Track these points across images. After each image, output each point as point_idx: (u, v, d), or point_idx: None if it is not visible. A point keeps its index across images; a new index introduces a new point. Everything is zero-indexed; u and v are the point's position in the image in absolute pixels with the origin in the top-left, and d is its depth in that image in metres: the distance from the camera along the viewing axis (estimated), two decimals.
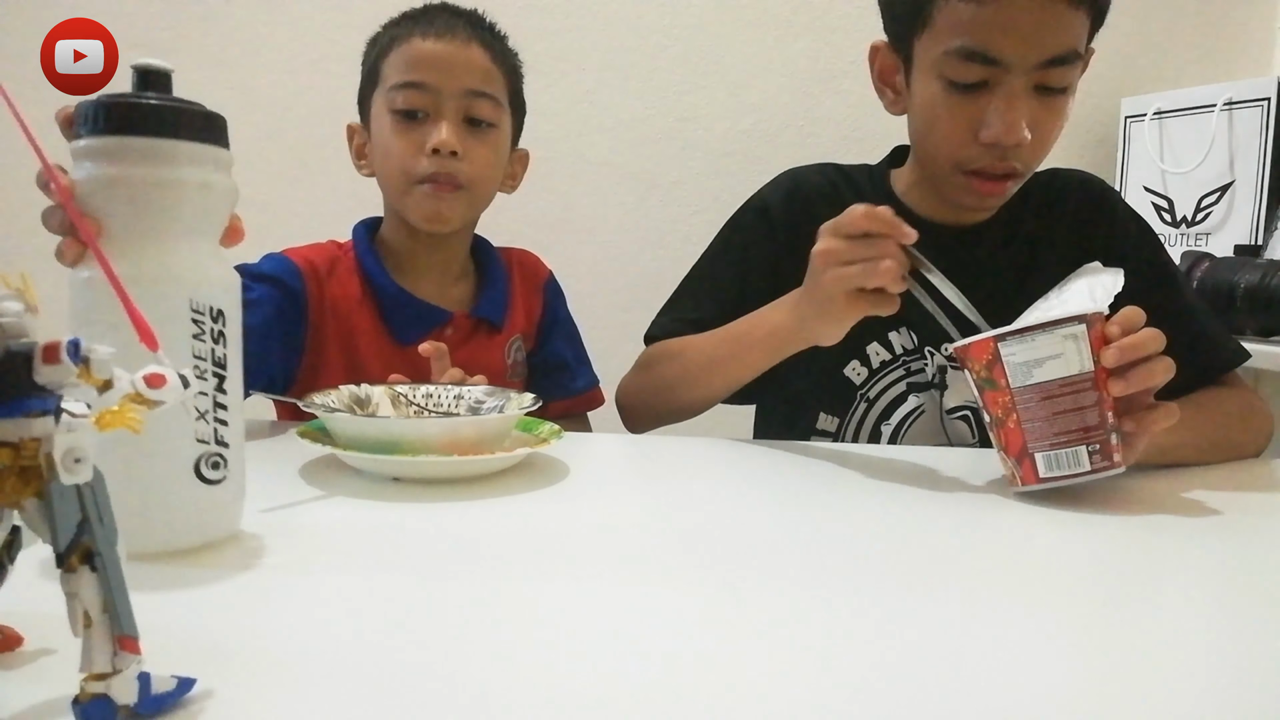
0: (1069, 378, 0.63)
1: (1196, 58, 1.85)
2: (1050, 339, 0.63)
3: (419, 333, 0.95)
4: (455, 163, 0.93)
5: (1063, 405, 0.63)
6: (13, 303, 0.30)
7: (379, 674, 0.36)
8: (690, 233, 1.81)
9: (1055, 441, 0.64)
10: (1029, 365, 0.64)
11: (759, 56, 1.82)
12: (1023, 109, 0.81)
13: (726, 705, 0.35)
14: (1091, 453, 0.64)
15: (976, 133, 0.83)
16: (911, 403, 0.93)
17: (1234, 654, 0.42)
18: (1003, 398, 0.65)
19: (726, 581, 0.49)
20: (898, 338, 0.93)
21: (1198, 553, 0.58)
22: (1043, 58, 0.80)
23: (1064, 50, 0.80)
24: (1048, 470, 0.65)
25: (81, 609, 0.30)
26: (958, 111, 0.83)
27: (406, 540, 0.54)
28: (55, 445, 0.30)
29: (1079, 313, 0.63)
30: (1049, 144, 0.87)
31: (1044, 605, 0.47)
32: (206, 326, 0.46)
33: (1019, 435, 0.65)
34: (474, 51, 0.95)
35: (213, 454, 0.47)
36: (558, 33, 1.80)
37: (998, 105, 0.81)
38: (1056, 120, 0.85)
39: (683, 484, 0.73)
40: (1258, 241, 1.53)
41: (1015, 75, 0.80)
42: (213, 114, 0.48)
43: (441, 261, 1.01)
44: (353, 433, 0.68)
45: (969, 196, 0.88)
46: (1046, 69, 0.80)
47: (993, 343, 0.65)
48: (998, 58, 0.80)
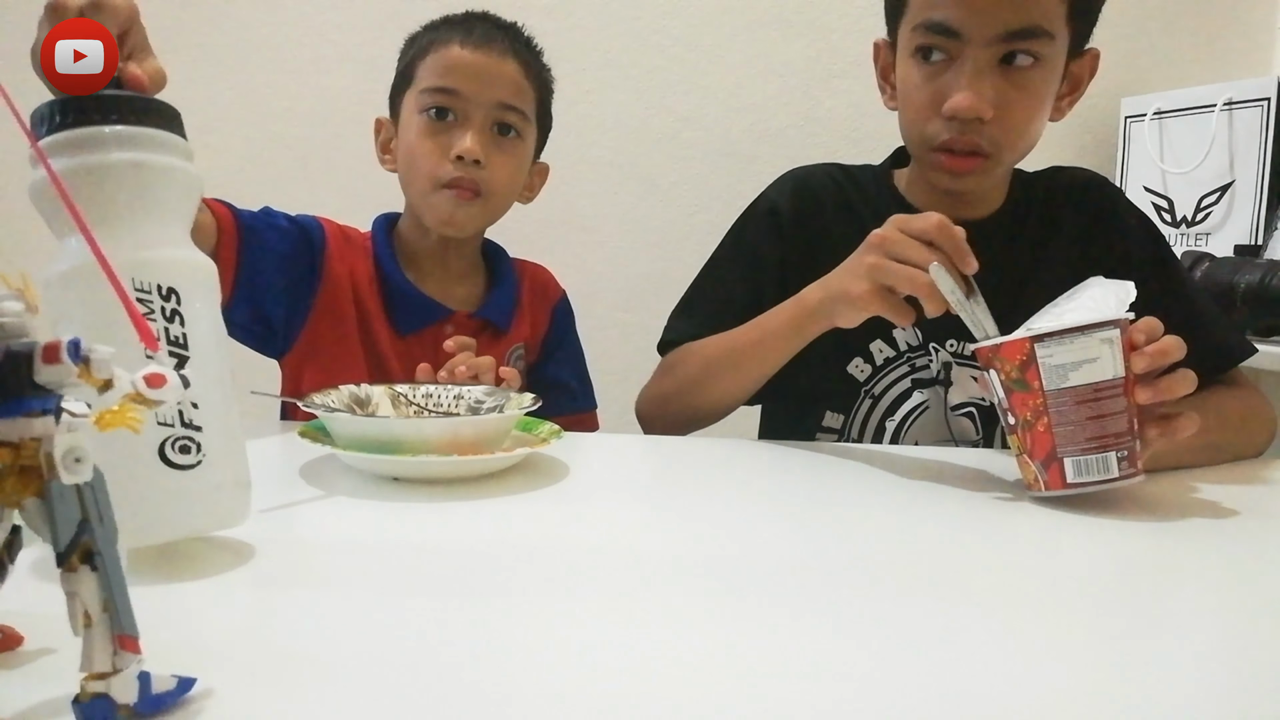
0: (1103, 382, 0.62)
1: (1196, 58, 1.85)
2: (1089, 342, 0.62)
3: (418, 325, 0.98)
4: (478, 170, 0.94)
5: (1096, 410, 0.63)
6: (13, 303, 0.30)
7: (378, 674, 0.36)
8: (690, 233, 1.81)
9: (1086, 447, 0.63)
10: (1066, 368, 0.63)
11: (759, 56, 1.82)
12: (985, 83, 0.81)
13: (728, 706, 0.35)
14: (1120, 459, 0.63)
15: (940, 107, 0.83)
16: (916, 399, 0.93)
17: (1240, 657, 0.42)
18: (1034, 400, 0.64)
19: (728, 582, 0.49)
20: (902, 334, 0.94)
21: (1202, 555, 0.57)
22: (1001, 30, 0.80)
23: (1026, 24, 0.80)
24: (1076, 476, 0.64)
25: (81, 608, 0.30)
26: (925, 86, 0.85)
27: (406, 540, 0.54)
28: (55, 445, 0.30)
29: (1115, 317, 0.63)
30: (1023, 127, 0.85)
31: (1050, 607, 0.47)
32: (155, 305, 0.45)
33: (1048, 439, 0.64)
34: (508, 65, 0.96)
35: (180, 437, 0.45)
36: (558, 33, 1.79)
37: (958, 78, 0.82)
38: (1026, 99, 0.83)
39: (684, 484, 0.73)
40: (1258, 241, 1.53)
41: (976, 48, 0.81)
42: (148, 99, 0.48)
43: (450, 261, 1.03)
44: (353, 433, 0.68)
45: (940, 175, 0.88)
46: (1010, 42, 0.80)
47: (1029, 343, 0.64)
48: (958, 29, 0.81)
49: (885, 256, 0.71)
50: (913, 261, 0.70)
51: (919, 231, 0.71)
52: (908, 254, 0.70)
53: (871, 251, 0.72)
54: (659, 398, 0.97)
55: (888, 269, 0.71)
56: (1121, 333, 0.63)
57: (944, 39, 0.82)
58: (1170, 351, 0.64)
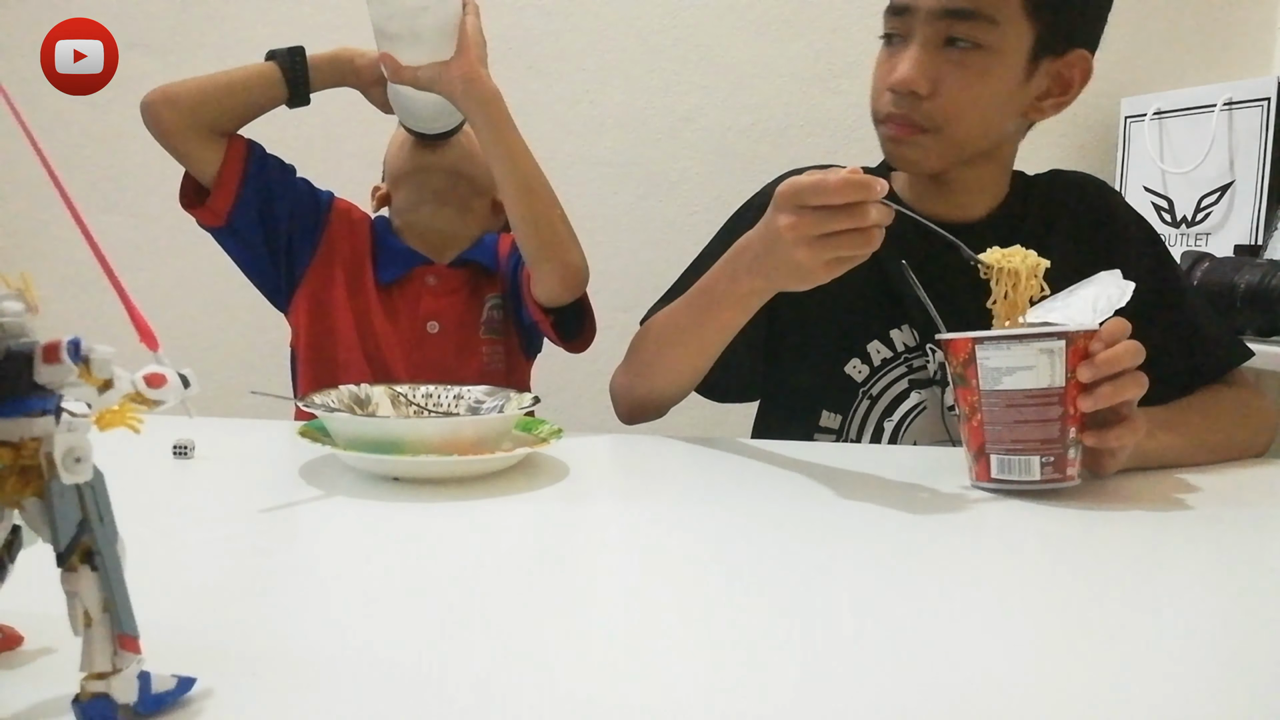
0: (1035, 390, 0.65)
1: (1196, 58, 1.85)
2: (1026, 350, 0.65)
3: (398, 272, 1.03)
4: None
5: (1024, 415, 0.66)
6: (13, 303, 0.30)
7: (378, 673, 0.36)
8: (690, 233, 1.80)
9: (1011, 447, 0.66)
10: (1000, 372, 0.66)
11: (759, 56, 1.82)
12: (923, 57, 0.84)
13: (730, 704, 0.35)
14: (1044, 464, 0.66)
15: (889, 82, 0.87)
16: (913, 399, 0.93)
17: (1234, 655, 0.42)
18: (971, 396, 0.68)
19: (727, 583, 0.49)
20: (899, 335, 0.94)
21: (1196, 553, 0.58)
22: (940, 6, 0.82)
23: (966, 4, 0.82)
24: (1000, 472, 0.67)
25: (81, 608, 0.30)
26: (881, 64, 0.89)
27: (406, 540, 0.54)
28: (55, 445, 0.30)
29: (1063, 328, 0.65)
30: (963, 107, 0.86)
31: (1049, 605, 0.47)
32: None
33: (980, 434, 0.68)
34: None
35: None
36: (558, 33, 1.80)
37: (903, 54, 0.85)
38: (965, 78, 0.84)
39: (683, 484, 0.73)
40: (1258, 241, 1.53)
41: (921, 24, 0.84)
42: None
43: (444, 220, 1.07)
44: (353, 433, 0.68)
45: (886, 145, 0.91)
46: (950, 20, 0.83)
47: (971, 343, 0.67)
48: (906, 3, 0.84)
49: (809, 239, 0.67)
50: (843, 229, 0.66)
51: (826, 201, 0.66)
52: (832, 226, 0.66)
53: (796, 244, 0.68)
54: (623, 377, 0.97)
55: (827, 248, 0.67)
56: (1068, 344, 0.65)
57: (898, 20, 0.86)
58: (1120, 360, 0.65)
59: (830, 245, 0.68)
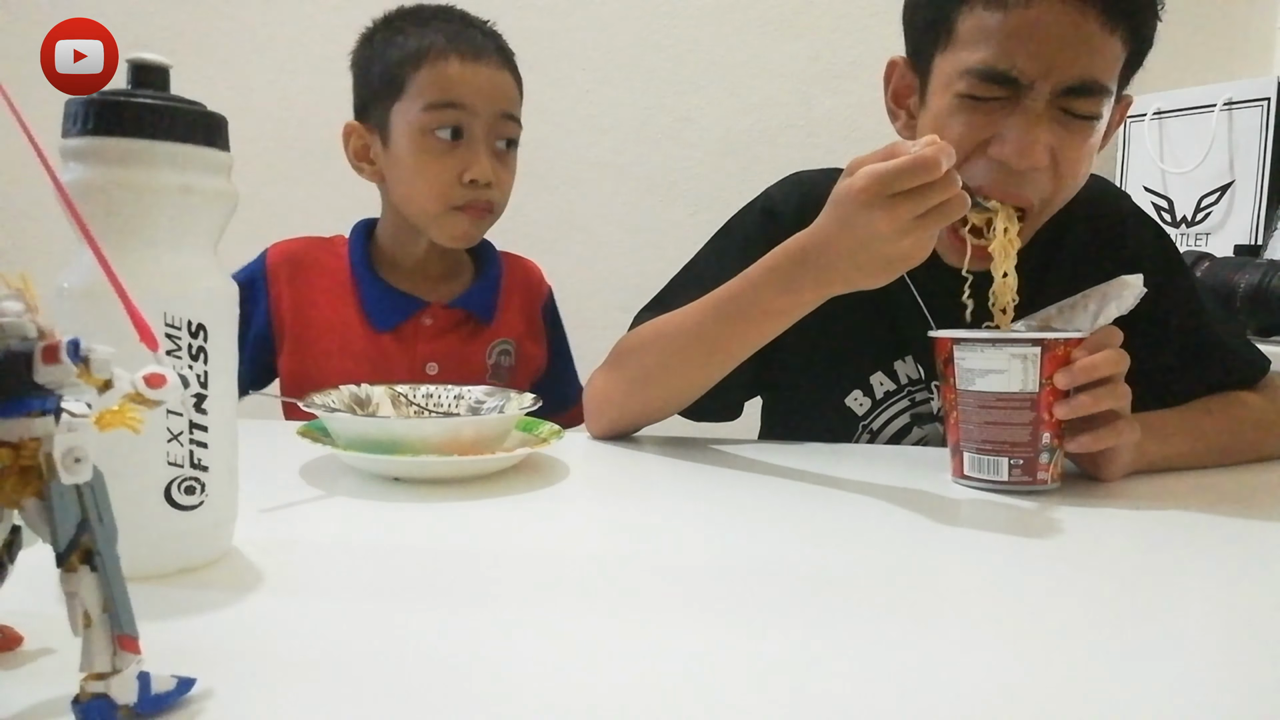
0: (1005, 394, 0.67)
1: (1196, 58, 1.85)
2: (999, 354, 0.67)
3: (395, 321, 1.00)
4: (488, 191, 0.96)
5: (994, 417, 0.67)
6: (13, 303, 0.30)
7: (378, 674, 0.36)
8: (690, 233, 1.79)
9: (981, 447, 0.68)
10: (974, 373, 0.68)
11: (759, 56, 1.82)
12: (1042, 132, 0.74)
13: (730, 708, 0.35)
14: (1012, 466, 0.67)
15: (987, 146, 0.76)
16: (915, 435, 0.91)
17: (1238, 658, 0.42)
18: (950, 394, 0.70)
19: (727, 583, 0.49)
20: (903, 367, 0.91)
21: (1196, 553, 0.57)
22: (1065, 82, 0.73)
23: (1089, 78, 0.73)
24: (971, 470, 0.69)
25: (81, 609, 0.30)
26: (970, 121, 0.76)
27: (406, 540, 0.54)
28: (55, 445, 0.30)
29: (1039, 335, 0.66)
30: (1079, 177, 0.79)
31: (1050, 607, 0.47)
32: (184, 342, 0.43)
33: (956, 431, 0.70)
34: (505, 75, 0.98)
35: (187, 478, 0.44)
36: (558, 33, 1.80)
37: (1015, 122, 0.74)
38: (1087, 150, 0.78)
39: (683, 485, 0.73)
40: (1258, 241, 1.53)
41: (1036, 96, 0.74)
42: (203, 113, 0.45)
43: (435, 264, 1.04)
44: (353, 433, 0.68)
45: (955, 238, 0.79)
46: (1069, 97, 0.74)
47: (950, 344, 0.69)
48: (1019, 76, 0.73)
49: (906, 227, 0.63)
50: (933, 205, 0.62)
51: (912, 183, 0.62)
52: (924, 206, 0.62)
53: (899, 236, 0.64)
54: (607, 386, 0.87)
55: (924, 227, 0.63)
56: (1044, 350, 0.66)
57: (999, 88, 0.75)
58: (1098, 368, 0.66)
59: (930, 221, 0.63)
